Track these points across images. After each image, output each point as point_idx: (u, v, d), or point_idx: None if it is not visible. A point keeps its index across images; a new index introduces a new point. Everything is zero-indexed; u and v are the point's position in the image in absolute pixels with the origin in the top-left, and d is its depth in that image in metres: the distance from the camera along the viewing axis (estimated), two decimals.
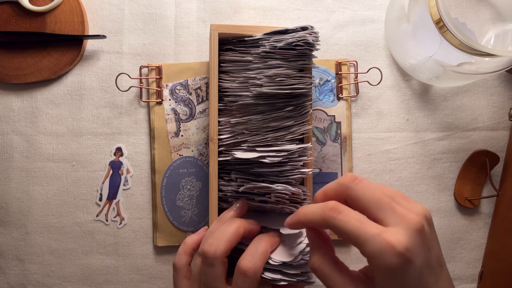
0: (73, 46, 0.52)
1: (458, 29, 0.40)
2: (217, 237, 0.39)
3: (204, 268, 0.38)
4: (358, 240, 0.32)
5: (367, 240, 0.32)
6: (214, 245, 0.38)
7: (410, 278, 0.32)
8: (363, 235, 0.32)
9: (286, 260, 0.40)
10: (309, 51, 0.44)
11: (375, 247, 0.32)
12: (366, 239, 0.32)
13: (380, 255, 0.31)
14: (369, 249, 0.32)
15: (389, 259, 0.31)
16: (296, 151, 0.43)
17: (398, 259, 0.31)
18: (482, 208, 0.55)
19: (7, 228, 0.53)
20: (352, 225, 0.33)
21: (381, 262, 0.31)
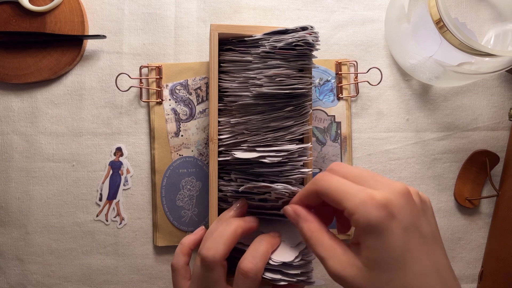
0: (73, 46, 0.52)
1: (458, 29, 0.40)
2: (215, 241, 0.39)
3: (204, 273, 0.38)
4: (340, 197, 0.33)
5: (350, 196, 0.32)
6: (212, 249, 0.38)
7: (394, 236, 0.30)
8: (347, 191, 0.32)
9: (286, 260, 0.40)
10: (309, 51, 0.44)
11: (356, 200, 0.31)
12: (349, 194, 0.32)
13: (361, 208, 0.31)
14: (350, 204, 0.32)
15: (369, 210, 0.30)
16: (296, 151, 0.43)
17: (379, 210, 0.30)
18: (482, 208, 0.55)
19: (7, 228, 0.53)
20: (338, 184, 0.33)
21: (361, 215, 0.31)
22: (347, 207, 0.32)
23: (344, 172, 0.35)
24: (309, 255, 0.42)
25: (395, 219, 0.31)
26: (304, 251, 0.41)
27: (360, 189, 0.32)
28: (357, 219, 0.31)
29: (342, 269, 0.32)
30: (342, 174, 0.35)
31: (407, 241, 0.31)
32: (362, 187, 0.32)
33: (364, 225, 0.31)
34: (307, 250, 0.42)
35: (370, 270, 0.31)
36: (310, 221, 0.36)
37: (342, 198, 0.32)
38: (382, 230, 0.30)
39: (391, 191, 0.32)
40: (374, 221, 0.30)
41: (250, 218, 0.42)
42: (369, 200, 0.31)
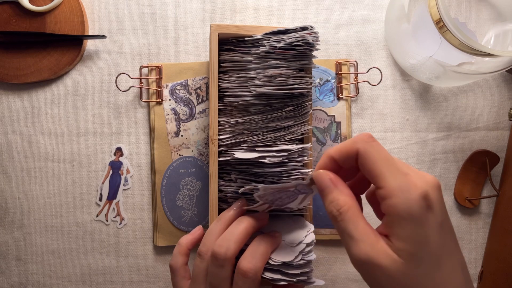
0: (73, 46, 0.52)
1: (458, 29, 0.40)
2: (227, 239, 0.39)
3: (213, 269, 0.38)
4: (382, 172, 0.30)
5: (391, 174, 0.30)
6: (224, 247, 0.38)
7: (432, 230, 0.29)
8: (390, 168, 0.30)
9: (286, 260, 0.40)
10: (309, 51, 0.44)
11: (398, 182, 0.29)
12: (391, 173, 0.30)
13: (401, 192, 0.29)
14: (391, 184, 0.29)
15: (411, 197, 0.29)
16: (296, 151, 0.43)
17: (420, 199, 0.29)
18: (482, 208, 0.55)
19: (7, 228, 0.53)
20: (383, 155, 0.31)
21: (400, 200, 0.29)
22: (384, 187, 0.30)
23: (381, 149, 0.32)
24: (309, 255, 0.42)
25: (433, 213, 0.29)
26: (304, 251, 0.41)
27: (404, 171, 0.30)
28: (395, 203, 0.29)
29: (376, 255, 0.30)
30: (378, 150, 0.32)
31: (443, 237, 0.30)
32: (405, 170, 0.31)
33: (403, 213, 0.29)
34: (307, 250, 0.42)
35: (405, 262, 0.29)
36: (346, 194, 0.32)
37: (383, 173, 0.30)
38: (422, 222, 0.29)
39: (426, 183, 0.30)
40: (415, 211, 0.29)
41: (261, 214, 0.42)
42: (412, 186, 0.29)
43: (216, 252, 0.38)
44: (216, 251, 0.38)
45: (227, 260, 0.38)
